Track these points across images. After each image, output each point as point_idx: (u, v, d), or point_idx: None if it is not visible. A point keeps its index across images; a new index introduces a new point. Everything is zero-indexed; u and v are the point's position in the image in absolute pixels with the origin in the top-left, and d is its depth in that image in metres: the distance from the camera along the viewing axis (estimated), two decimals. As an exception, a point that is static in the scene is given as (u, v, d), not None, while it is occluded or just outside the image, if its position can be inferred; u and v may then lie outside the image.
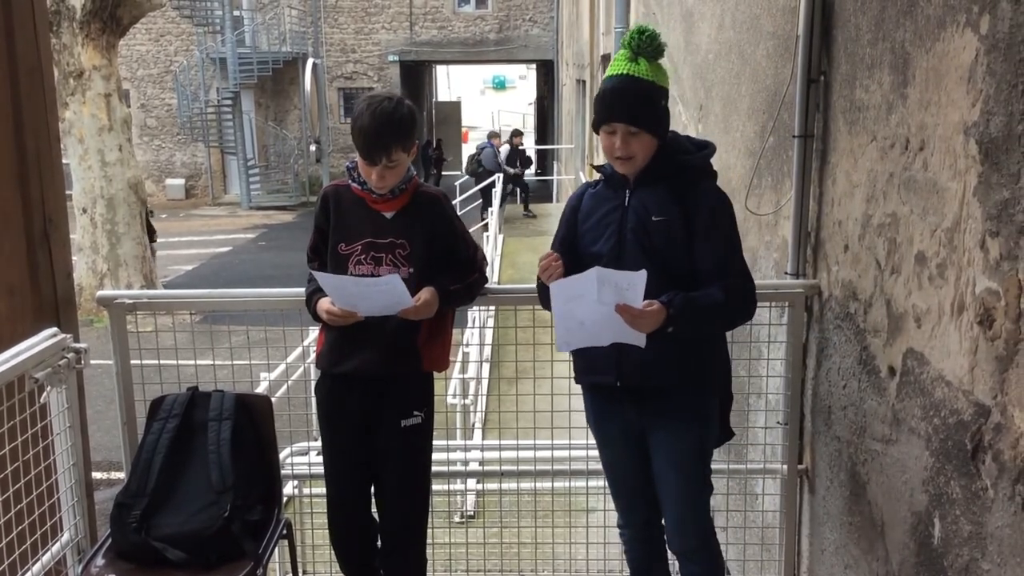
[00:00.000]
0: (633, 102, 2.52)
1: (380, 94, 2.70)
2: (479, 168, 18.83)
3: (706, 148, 2.66)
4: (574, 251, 2.68)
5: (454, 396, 6.20)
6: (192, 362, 3.20)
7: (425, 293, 2.66)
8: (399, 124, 2.62)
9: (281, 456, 3.13)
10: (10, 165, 3.13)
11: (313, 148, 23.36)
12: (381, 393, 2.77)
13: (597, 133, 2.63)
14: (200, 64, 24.44)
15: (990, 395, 1.90)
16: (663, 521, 2.78)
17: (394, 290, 2.58)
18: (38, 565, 2.74)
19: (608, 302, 2.36)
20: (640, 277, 2.33)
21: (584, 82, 17.33)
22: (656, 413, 2.63)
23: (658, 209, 2.54)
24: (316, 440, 3.61)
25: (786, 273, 3.23)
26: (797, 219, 3.14)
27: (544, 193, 20.55)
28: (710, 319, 2.53)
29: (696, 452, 2.67)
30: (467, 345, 7.66)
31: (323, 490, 2.96)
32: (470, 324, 7.74)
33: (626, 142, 2.53)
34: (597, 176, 2.75)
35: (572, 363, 2.76)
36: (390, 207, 2.75)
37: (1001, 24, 1.85)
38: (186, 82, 24.39)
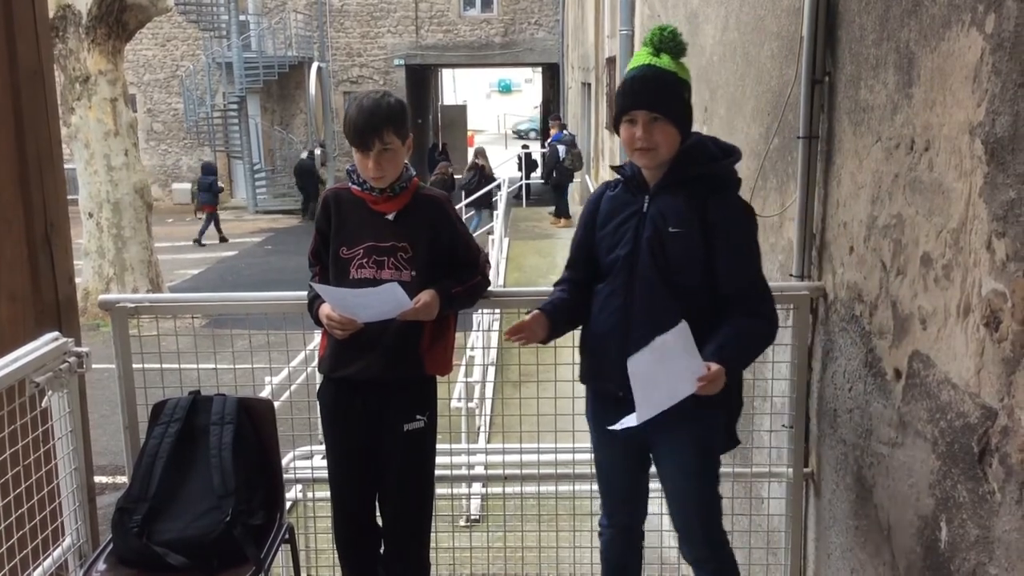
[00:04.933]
0: (654, 88, 2.46)
1: (369, 91, 2.75)
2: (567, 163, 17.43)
3: (731, 155, 2.56)
4: (592, 255, 2.65)
5: (459, 399, 6.19)
6: (195, 366, 3.19)
7: (425, 295, 2.65)
8: (388, 109, 2.65)
9: (284, 460, 3.12)
10: (11, 170, 3.13)
11: (318, 152, 23.38)
12: (383, 397, 2.76)
13: (617, 133, 2.56)
14: (206, 69, 24.48)
15: (997, 397, 1.87)
16: (675, 529, 2.74)
17: (393, 295, 2.57)
18: (39, 570, 2.74)
19: (678, 365, 2.33)
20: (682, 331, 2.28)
21: (589, 85, 17.34)
22: (661, 424, 2.51)
23: (676, 220, 2.47)
24: (319, 444, 3.60)
25: (791, 275, 3.22)
26: (802, 221, 3.12)
27: (547, 199, 20.52)
28: (755, 353, 2.57)
29: (702, 462, 2.63)
30: (472, 348, 7.66)
31: (326, 494, 2.95)
32: (475, 327, 7.72)
33: (647, 130, 2.45)
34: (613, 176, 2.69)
35: (579, 364, 2.73)
36: (391, 206, 2.74)
37: (1007, 23, 1.83)
38: (192, 87, 24.44)
